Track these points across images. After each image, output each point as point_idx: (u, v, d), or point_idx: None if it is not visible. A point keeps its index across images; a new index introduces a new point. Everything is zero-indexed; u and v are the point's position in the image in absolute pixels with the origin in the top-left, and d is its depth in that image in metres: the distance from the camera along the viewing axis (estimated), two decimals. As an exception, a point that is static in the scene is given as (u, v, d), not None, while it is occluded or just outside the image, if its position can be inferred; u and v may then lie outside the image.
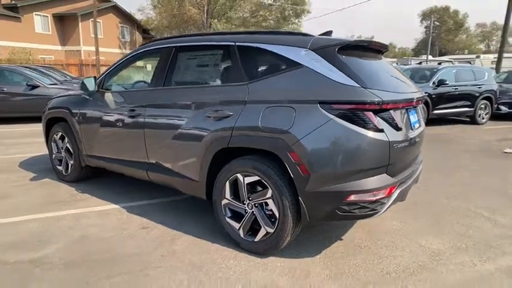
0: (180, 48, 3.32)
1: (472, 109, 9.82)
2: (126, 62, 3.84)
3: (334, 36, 2.88)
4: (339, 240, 3.08)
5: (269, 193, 2.63)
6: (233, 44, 2.95)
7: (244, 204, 2.80)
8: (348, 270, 2.62)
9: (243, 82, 2.80)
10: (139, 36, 34.85)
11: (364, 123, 2.37)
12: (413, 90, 2.90)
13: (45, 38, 27.77)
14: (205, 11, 30.05)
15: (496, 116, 10.61)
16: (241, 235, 2.84)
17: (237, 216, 2.88)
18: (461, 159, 6.05)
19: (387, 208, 2.55)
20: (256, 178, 2.68)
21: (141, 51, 3.71)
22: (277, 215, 2.62)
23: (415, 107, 2.95)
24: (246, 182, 2.74)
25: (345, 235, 3.17)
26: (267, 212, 2.73)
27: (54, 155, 4.58)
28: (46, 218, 3.43)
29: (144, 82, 4.32)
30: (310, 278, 2.51)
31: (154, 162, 3.38)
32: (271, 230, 2.67)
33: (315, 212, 2.51)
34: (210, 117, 2.88)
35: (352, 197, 2.41)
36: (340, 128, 2.37)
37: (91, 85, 3.83)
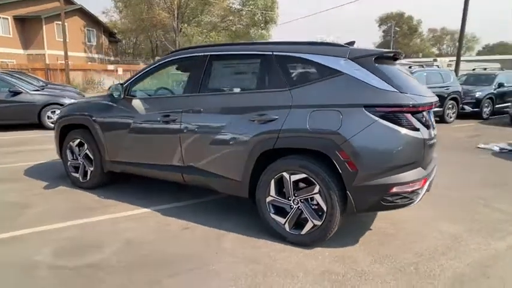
0: (215, 57, 3.51)
1: (441, 109, 10.66)
2: (153, 70, 3.95)
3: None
4: (368, 230, 3.40)
5: (316, 189, 2.89)
6: (271, 53, 3.19)
7: (290, 200, 3.04)
8: (388, 254, 2.94)
9: (284, 88, 3.04)
10: (106, 40, 33.81)
11: (404, 124, 2.71)
12: (430, 94, 3.29)
13: (5, 42, 26.24)
14: (175, 15, 29.79)
15: (461, 115, 11.58)
16: (287, 229, 3.07)
17: (282, 212, 3.11)
18: (441, 155, 6.63)
19: (421, 198, 2.90)
20: (302, 176, 2.94)
21: (170, 59, 3.83)
22: (324, 209, 2.88)
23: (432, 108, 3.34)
24: (292, 180, 2.98)
25: (372, 225, 3.50)
26: (313, 207, 2.99)
27: (69, 162, 4.55)
28: (81, 224, 3.46)
29: (166, 89, 4.43)
30: (358, 263, 2.80)
31: (190, 165, 3.53)
32: (318, 223, 2.93)
33: (362, 204, 2.81)
34: (254, 121, 3.09)
35: (395, 189, 2.73)
36: (384, 128, 2.69)
37: (118, 92, 3.90)
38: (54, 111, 8.76)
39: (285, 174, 3.01)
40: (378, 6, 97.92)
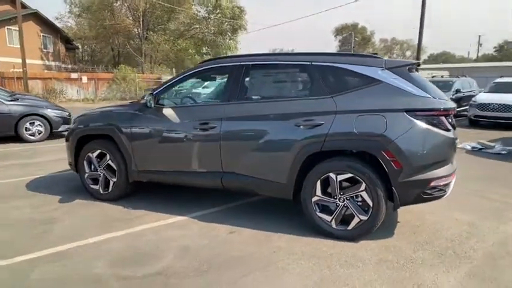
0: (252, 66, 3.70)
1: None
2: (184, 79, 4.05)
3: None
4: (397, 222, 3.75)
5: (363, 186, 3.17)
6: (309, 63, 3.46)
7: (335, 198, 3.29)
8: (424, 241, 3.30)
9: (326, 96, 3.31)
10: (63, 46, 31.98)
11: (439, 125, 3.09)
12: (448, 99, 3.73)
13: None
14: (141, 22, 29.02)
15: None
16: (334, 226, 3.32)
17: (327, 210, 3.36)
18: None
19: (450, 190, 3.28)
20: (349, 175, 3.21)
21: (203, 68, 3.96)
22: (371, 204, 3.17)
23: None
24: (338, 179, 3.25)
25: (399, 218, 3.85)
26: (358, 203, 3.27)
27: (86, 174, 4.45)
28: (123, 235, 3.44)
29: (190, 98, 4.51)
30: (404, 251, 3.12)
31: (230, 170, 3.66)
32: (364, 218, 3.21)
33: (405, 198, 3.14)
34: (299, 126, 3.32)
35: (433, 183, 3.10)
36: (423, 130, 3.05)
37: (150, 101, 3.93)
38: (34, 123, 8.31)
39: (331, 174, 3.26)
40: (333, 18, 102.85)
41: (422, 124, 3.05)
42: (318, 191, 3.34)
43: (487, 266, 2.89)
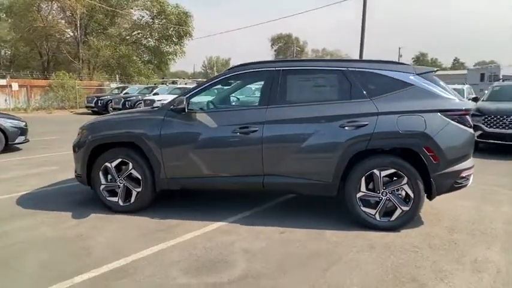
0: (289, 71, 3.84)
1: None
2: (216, 83, 4.05)
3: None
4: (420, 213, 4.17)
5: (405, 180, 3.51)
6: (346, 69, 3.72)
7: (378, 193, 3.58)
8: (451, 226, 3.75)
9: (365, 99, 3.60)
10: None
11: (466, 123, 3.56)
12: None
13: None
14: (78, 25, 26.70)
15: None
16: (378, 218, 3.60)
17: (370, 204, 3.62)
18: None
19: (471, 180, 3.76)
20: (392, 171, 3.52)
21: (237, 72, 4.00)
22: (412, 196, 3.51)
23: None
24: (382, 175, 3.54)
25: (417, 209, 4.27)
26: (399, 196, 3.58)
27: (102, 186, 4.15)
28: (176, 245, 3.30)
29: (212, 103, 4.46)
30: (442, 235, 3.52)
31: (272, 172, 3.74)
32: (406, 208, 3.54)
33: (441, 188, 3.54)
34: (344, 127, 3.55)
35: (463, 173, 3.55)
36: (455, 127, 3.49)
37: (183, 106, 3.85)
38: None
39: (375, 171, 3.55)
40: (268, 28, 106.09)
41: (453, 122, 3.49)
42: (363, 187, 3.60)
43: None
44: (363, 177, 3.58)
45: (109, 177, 4.17)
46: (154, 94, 18.26)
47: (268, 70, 3.90)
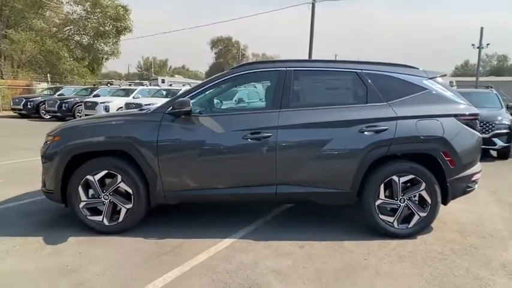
0: (301, 72, 3.59)
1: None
2: (218, 84, 3.64)
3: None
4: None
5: (423, 186, 3.44)
6: (360, 71, 3.57)
7: (397, 199, 3.47)
8: (460, 230, 3.77)
9: (382, 102, 3.49)
10: None
11: (476, 128, 3.60)
12: None
13: None
14: None
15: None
16: (396, 226, 3.49)
17: (388, 211, 3.50)
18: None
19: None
20: (410, 176, 3.43)
21: (242, 72, 3.64)
22: (429, 201, 3.46)
23: None
24: (401, 182, 3.43)
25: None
26: (416, 202, 3.51)
27: (83, 204, 3.49)
28: (192, 270, 2.83)
29: (215, 105, 4.01)
30: (457, 239, 3.52)
31: (287, 181, 3.44)
32: (424, 214, 3.48)
33: (456, 192, 3.53)
34: (363, 132, 3.38)
35: (474, 177, 3.59)
36: (468, 132, 3.51)
37: (188, 108, 3.38)
38: None
39: (394, 177, 3.43)
40: (208, 30, 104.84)
41: (466, 127, 3.51)
42: (381, 194, 3.46)
43: (521, 241, 3.51)
44: (382, 184, 3.45)
45: (91, 192, 3.53)
46: (95, 96, 16.77)
47: (278, 70, 3.59)
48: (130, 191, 3.46)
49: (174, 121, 3.46)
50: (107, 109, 14.08)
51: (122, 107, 14.05)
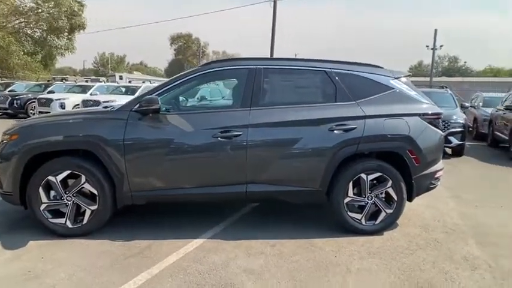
0: (272, 70, 3.58)
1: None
2: (185, 82, 3.54)
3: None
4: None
5: (389, 183, 3.55)
6: (330, 69, 3.63)
7: (364, 197, 3.56)
8: (423, 225, 3.92)
9: (351, 101, 3.56)
10: None
11: (439, 126, 3.78)
12: None
13: None
14: None
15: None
16: (364, 223, 3.58)
17: (356, 209, 3.59)
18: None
19: None
20: (377, 174, 3.54)
21: (213, 69, 3.59)
22: (395, 198, 3.58)
23: None
24: (369, 179, 3.53)
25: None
26: (383, 199, 3.62)
27: (44, 206, 3.28)
28: (163, 273, 2.75)
29: (181, 103, 3.90)
30: (422, 235, 3.66)
31: (257, 180, 3.43)
32: (390, 211, 3.59)
33: (420, 189, 3.68)
34: (333, 131, 3.44)
35: (437, 174, 3.76)
36: (431, 131, 3.67)
37: (156, 106, 3.26)
38: None
39: (362, 175, 3.52)
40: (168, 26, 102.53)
41: (430, 126, 3.66)
42: (350, 192, 3.54)
43: (477, 231, 3.72)
44: (351, 182, 3.52)
45: (52, 193, 3.33)
46: (50, 92, 15.87)
47: (247, 68, 3.57)
48: (95, 191, 3.29)
49: (141, 119, 3.34)
50: (62, 106, 13.40)
51: (78, 105, 13.42)
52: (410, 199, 3.69)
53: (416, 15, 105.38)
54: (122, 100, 12.76)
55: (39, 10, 26.57)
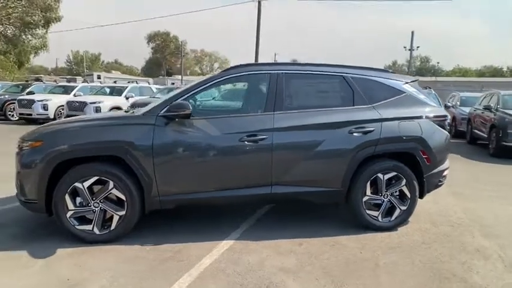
0: (293, 75, 3.72)
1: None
2: (210, 86, 3.62)
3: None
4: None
5: (404, 182, 3.76)
6: (346, 74, 3.81)
7: (381, 195, 3.76)
8: (432, 220, 4.17)
9: (367, 105, 3.75)
10: None
11: (445, 127, 4.02)
12: None
13: None
14: None
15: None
16: (380, 219, 3.78)
17: (373, 207, 3.78)
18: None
19: None
20: (393, 174, 3.74)
21: (236, 75, 3.69)
22: (409, 195, 3.80)
23: None
24: (385, 178, 3.73)
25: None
26: (397, 197, 3.83)
27: (70, 213, 3.26)
28: (201, 276, 2.81)
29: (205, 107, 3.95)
30: (432, 229, 3.89)
31: (281, 182, 3.55)
32: (404, 208, 3.81)
33: (430, 186, 3.91)
34: (353, 133, 3.61)
35: (445, 172, 4.02)
36: (440, 132, 3.91)
37: (188, 111, 3.33)
38: None
39: (379, 175, 3.71)
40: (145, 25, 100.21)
41: (438, 127, 3.91)
42: (368, 191, 3.72)
43: (479, 224, 4.00)
44: (369, 182, 3.71)
45: (78, 200, 3.31)
46: (30, 93, 15.34)
47: (271, 73, 3.68)
48: (123, 197, 3.31)
49: (168, 124, 3.38)
50: (45, 108, 13.02)
51: (62, 106, 13.08)
52: (421, 196, 3.92)
53: (386, 17, 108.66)
54: (109, 101, 12.67)
55: (9, 5, 25.25)
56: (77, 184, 3.24)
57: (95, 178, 3.27)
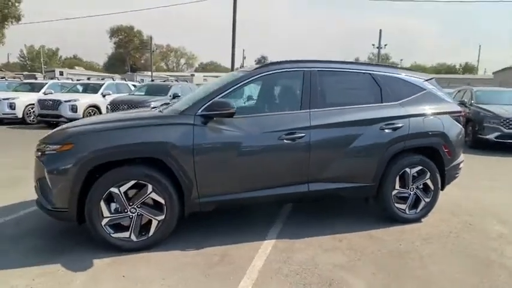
0: (326, 72, 3.73)
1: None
2: (244, 85, 3.54)
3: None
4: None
5: (428, 175, 3.92)
6: (374, 72, 3.89)
7: (408, 188, 3.89)
8: (450, 211, 4.36)
9: (394, 101, 3.85)
10: None
11: (461, 123, 4.22)
12: None
13: None
14: None
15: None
16: (407, 212, 3.91)
17: (400, 200, 3.90)
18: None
19: None
20: (419, 168, 3.88)
21: (271, 72, 3.64)
22: (432, 188, 3.96)
23: None
24: (412, 173, 3.86)
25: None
26: (422, 189, 3.98)
27: (106, 220, 3.07)
28: (261, 279, 2.75)
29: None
30: (453, 219, 4.09)
31: (317, 179, 3.56)
32: (428, 200, 3.97)
33: (450, 179, 4.10)
34: (384, 130, 3.70)
35: (461, 165, 4.22)
36: (457, 126, 4.10)
37: (233, 110, 3.26)
38: None
39: (407, 169, 3.83)
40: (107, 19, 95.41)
41: (456, 123, 4.10)
42: (397, 185, 3.84)
43: (490, 212, 4.26)
44: (398, 176, 3.82)
45: (113, 206, 3.12)
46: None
47: (305, 70, 3.67)
48: (162, 200, 3.16)
49: (207, 123, 3.27)
50: (12, 107, 12.13)
51: (32, 104, 12.25)
52: (442, 188, 4.10)
53: (346, 16, 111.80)
54: (85, 99, 12.00)
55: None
56: (113, 189, 3.05)
57: (133, 182, 3.10)
